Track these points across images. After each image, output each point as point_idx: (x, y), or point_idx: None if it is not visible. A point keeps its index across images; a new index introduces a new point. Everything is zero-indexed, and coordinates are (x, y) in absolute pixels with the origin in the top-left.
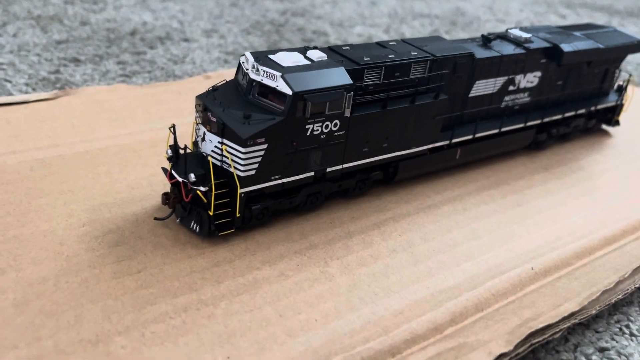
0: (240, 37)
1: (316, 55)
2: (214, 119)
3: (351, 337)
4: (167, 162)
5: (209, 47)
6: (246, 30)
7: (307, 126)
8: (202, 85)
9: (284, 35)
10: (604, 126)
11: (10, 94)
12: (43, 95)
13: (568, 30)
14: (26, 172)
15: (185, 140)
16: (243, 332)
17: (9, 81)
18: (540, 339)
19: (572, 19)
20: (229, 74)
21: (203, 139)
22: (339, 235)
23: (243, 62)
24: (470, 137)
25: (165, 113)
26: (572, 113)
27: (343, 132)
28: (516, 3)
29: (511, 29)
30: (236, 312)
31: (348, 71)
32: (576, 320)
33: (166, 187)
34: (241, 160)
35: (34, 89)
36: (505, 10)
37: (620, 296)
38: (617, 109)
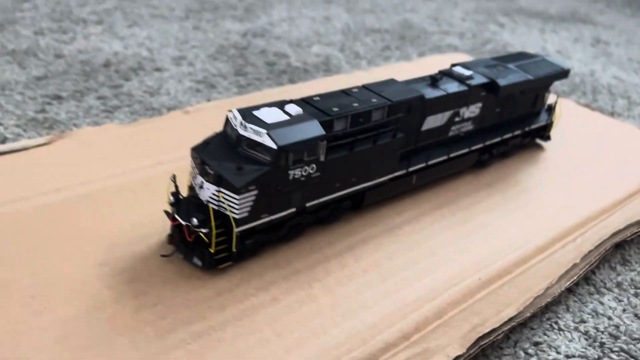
0: (207, 63)
1: (293, 110)
2: (211, 172)
3: (337, 349)
4: (167, 205)
5: (180, 76)
6: (212, 56)
7: (289, 172)
8: (183, 120)
9: (249, 59)
10: (538, 140)
11: (5, 137)
12: (40, 140)
13: (503, 61)
14: (38, 217)
15: (181, 175)
16: (249, 351)
17: (0, 124)
18: (487, 340)
19: (510, 27)
20: (205, 108)
21: (201, 187)
22: (318, 259)
23: (231, 118)
24: (423, 164)
25: (152, 151)
26: (510, 135)
27: (319, 174)
28: (458, 12)
29: (455, 65)
30: (241, 335)
31: (320, 122)
32: (515, 323)
33: (165, 224)
34: (236, 205)
35: (24, 130)
36: (448, 20)
37: (549, 299)
38: (548, 126)
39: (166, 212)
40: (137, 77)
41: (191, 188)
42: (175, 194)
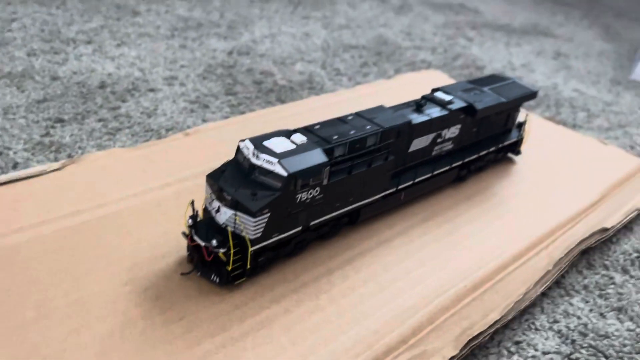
0: (198, 83)
1: (299, 139)
2: (229, 197)
3: (345, 354)
4: (181, 226)
5: (174, 97)
6: (202, 76)
7: (297, 196)
8: (184, 142)
9: (237, 78)
10: (510, 154)
11: (15, 162)
12: (54, 165)
13: (478, 84)
14: (62, 240)
15: (188, 195)
16: (270, 359)
17: (9, 148)
18: (476, 342)
19: (478, 41)
20: (203, 129)
21: (217, 211)
22: (322, 272)
23: (243, 148)
24: (411, 182)
25: (159, 173)
26: (485, 152)
27: (322, 195)
28: (428, 26)
29: (436, 90)
30: (261, 344)
31: (323, 150)
32: (499, 326)
33: (179, 244)
34: (252, 227)
35: (32, 154)
36: (420, 35)
37: (527, 303)
38: (519, 142)
39: (184, 234)
40: (132, 98)
41: (206, 211)
42: (194, 217)
